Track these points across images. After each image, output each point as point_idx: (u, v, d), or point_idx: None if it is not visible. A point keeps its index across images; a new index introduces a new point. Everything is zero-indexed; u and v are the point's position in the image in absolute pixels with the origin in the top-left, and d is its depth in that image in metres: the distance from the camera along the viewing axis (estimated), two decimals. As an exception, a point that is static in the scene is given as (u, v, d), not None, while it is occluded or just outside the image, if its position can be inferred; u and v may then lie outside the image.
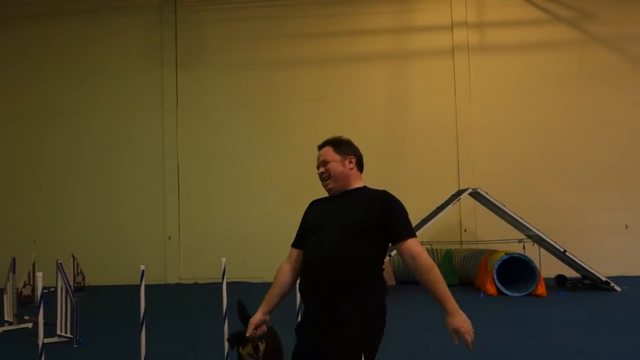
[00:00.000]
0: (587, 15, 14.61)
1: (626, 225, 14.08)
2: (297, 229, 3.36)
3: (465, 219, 14.51)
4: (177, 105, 15.50)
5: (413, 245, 3.01)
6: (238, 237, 14.75)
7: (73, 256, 13.38)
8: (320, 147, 3.35)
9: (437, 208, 12.22)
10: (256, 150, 15.21)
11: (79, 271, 13.59)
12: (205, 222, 15.14)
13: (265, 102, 15.26)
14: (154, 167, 15.45)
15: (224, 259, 5.62)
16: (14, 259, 9.43)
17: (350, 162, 3.27)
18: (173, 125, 15.49)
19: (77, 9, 15.81)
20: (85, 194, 15.56)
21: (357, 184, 3.29)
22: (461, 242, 14.14)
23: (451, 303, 2.91)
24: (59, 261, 8.00)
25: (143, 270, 4.88)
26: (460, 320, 2.88)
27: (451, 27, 14.88)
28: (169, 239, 15.24)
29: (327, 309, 2.96)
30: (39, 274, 4.37)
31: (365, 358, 2.86)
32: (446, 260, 13.29)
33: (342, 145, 3.30)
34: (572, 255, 11.56)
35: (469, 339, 2.87)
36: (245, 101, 15.32)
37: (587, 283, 11.63)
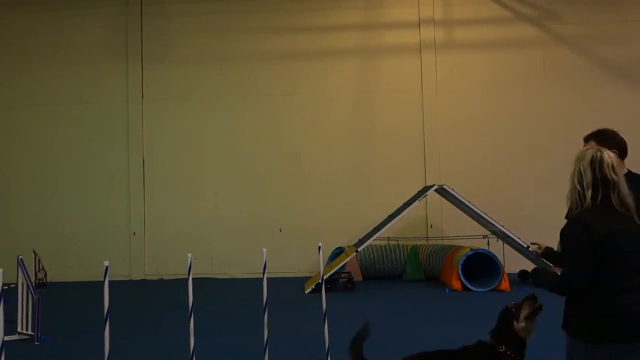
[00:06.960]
0: (551, 15, 14.85)
1: (587, 222, 14.35)
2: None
3: (431, 215, 14.65)
4: (142, 98, 15.29)
5: None
6: (204, 233, 14.62)
7: (34, 252, 13.11)
8: (586, 140, 3.92)
9: (404, 204, 12.30)
10: (223, 144, 15.10)
11: (40, 267, 13.33)
12: (170, 217, 14.97)
13: (233, 97, 15.15)
14: (119, 161, 15.22)
15: (189, 255, 5.57)
16: (-28, 255, 9.22)
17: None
18: (138, 119, 15.27)
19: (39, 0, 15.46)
20: (48, 187, 15.24)
21: (623, 171, 3.66)
22: (427, 238, 14.27)
23: None
24: (20, 257, 7.84)
25: (107, 266, 4.80)
26: None
27: (418, 24, 14.97)
28: (134, 234, 15.04)
29: None
30: (-1, 270, 4.26)
31: None
32: (412, 255, 13.42)
33: (605, 139, 3.80)
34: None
35: None
36: (211, 95, 15.19)
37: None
